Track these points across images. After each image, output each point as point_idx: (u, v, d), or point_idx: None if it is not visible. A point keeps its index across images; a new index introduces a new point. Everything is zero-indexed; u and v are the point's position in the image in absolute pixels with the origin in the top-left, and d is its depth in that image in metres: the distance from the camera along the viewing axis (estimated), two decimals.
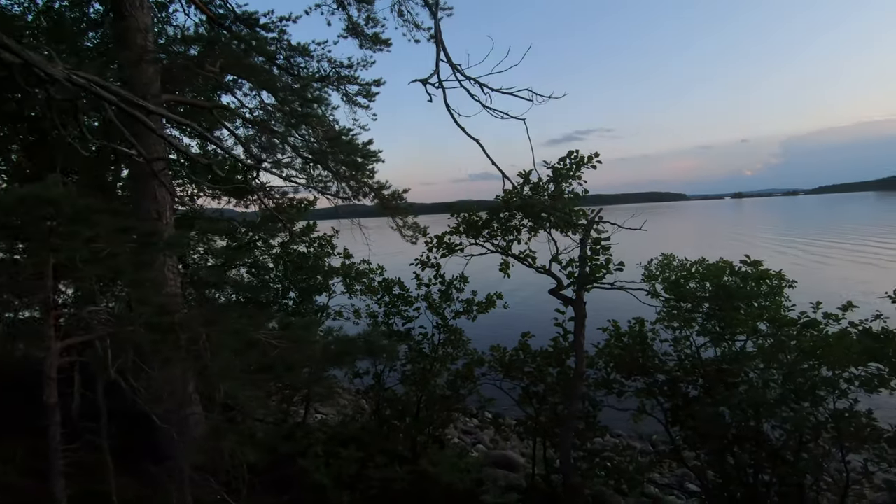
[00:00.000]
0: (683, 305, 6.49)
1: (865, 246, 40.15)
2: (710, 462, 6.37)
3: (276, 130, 7.58)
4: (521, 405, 7.14)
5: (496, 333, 8.48)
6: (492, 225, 6.66)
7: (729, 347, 6.54)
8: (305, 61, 8.45)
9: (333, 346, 2.87)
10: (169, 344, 2.94)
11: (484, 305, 7.60)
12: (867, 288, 6.35)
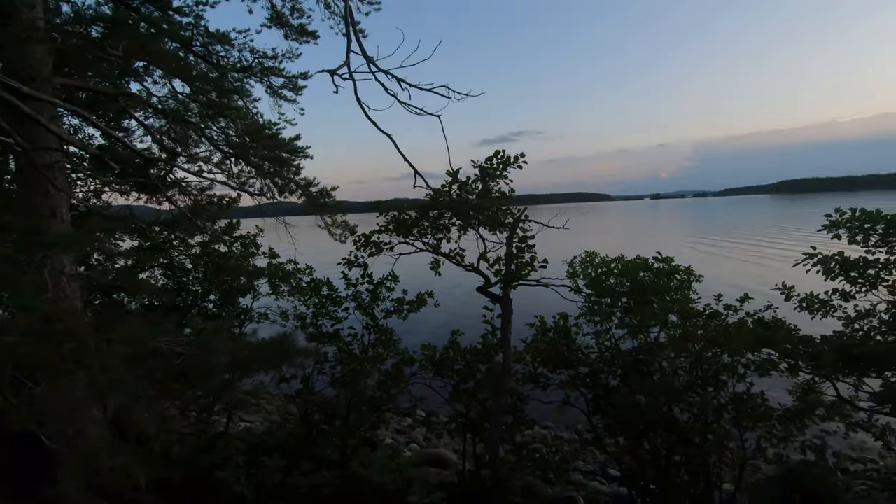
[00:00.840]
0: (603, 300, 6.83)
1: (760, 243, 44.59)
2: (628, 447, 6.75)
3: (191, 122, 7.10)
4: (452, 403, 7.19)
5: (428, 332, 8.50)
6: (421, 224, 6.65)
7: (644, 339, 6.96)
8: (225, 50, 7.99)
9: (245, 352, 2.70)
10: (52, 355, 2.64)
11: (415, 304, 7.57)
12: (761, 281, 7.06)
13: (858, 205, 6.36)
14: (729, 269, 28.76)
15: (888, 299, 5.88)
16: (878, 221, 5.88)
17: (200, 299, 8.91)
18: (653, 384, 5.99)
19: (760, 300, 6.76)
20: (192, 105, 7.09)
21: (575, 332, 7.27)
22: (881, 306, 5.92)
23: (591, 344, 7.00)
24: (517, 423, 6.83)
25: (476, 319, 7.52)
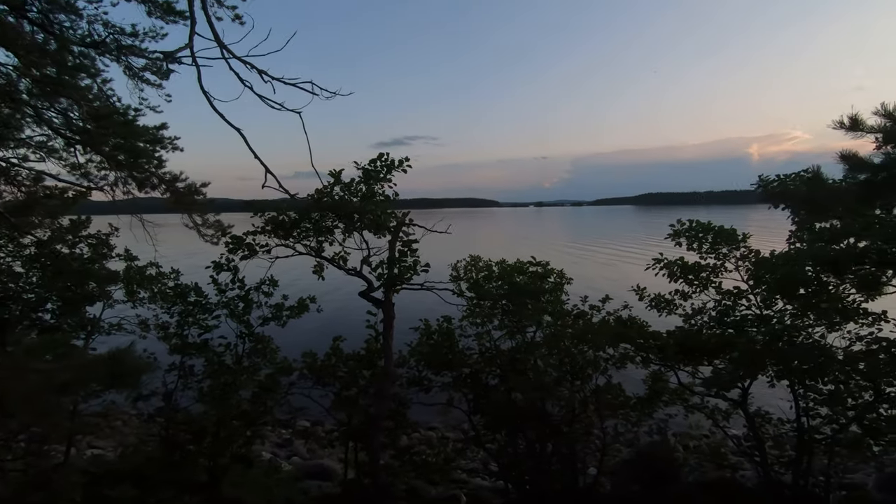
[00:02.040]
0: (484, 303, 7.10)
1: (621, 248, 50.17)
2: (506, 443, 7.09)
3: (22, 100, 6.02)
4: (334, 411, 6.97)
5: (310, 339, 8.13)
6: (302, 225, 6.34)
7: (522, 339, 7.38)
8: (71, 20, 6.91)
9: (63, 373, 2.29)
10: None
11: (296, 310, 7.20)
12: (622, 283, 7.95)
13: (701, 216, 7.39)
14: (596, 272, 31.82)
15: (716, 298, 6.91)
16: (708, 232, 6.88)
17: (34, 309, 7.61)
18: (527, 381, 6.36)
19: (620, 300, 7.54)
20: (24, 81, 6.01)
21: (459, 335, 7.46)
22: (710, 304, 6.93)
23: (474, 345, 7.24)
24: (399, 428, 6.82)
25: (361, 324, 7.38)
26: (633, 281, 7.53)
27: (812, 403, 6.66)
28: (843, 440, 6.68)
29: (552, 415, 6.90)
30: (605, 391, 7.00)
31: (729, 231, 6.86)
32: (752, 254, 6.91)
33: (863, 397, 6.28)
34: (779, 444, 7.27)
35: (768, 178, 5.92)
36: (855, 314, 6.07)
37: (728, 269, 6.87)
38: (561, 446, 6.86)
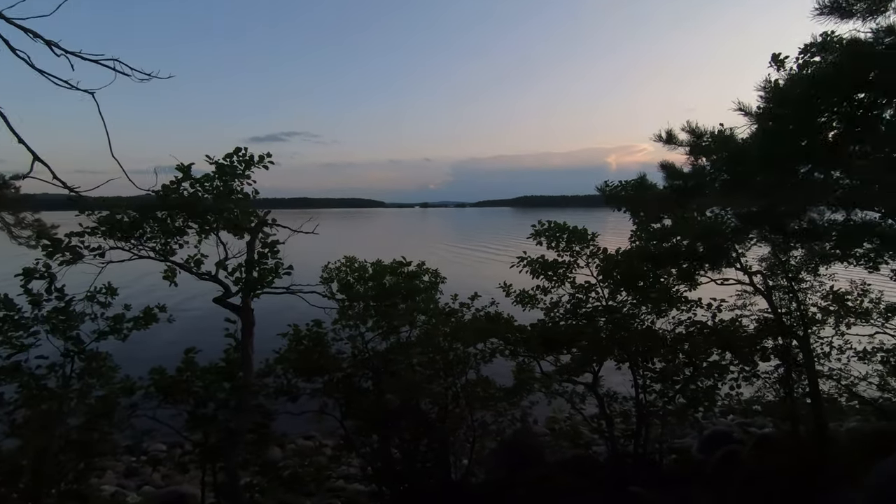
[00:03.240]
0: (356, 305, 6.96)
1: (496, 247, 52.86)
2: (380, 445, 7.03)
3: None
4: (188, 430, 6.29)
5: (162, 353, 7.27)
6: (143, 226, 5.62)
7: (396, 340, 7.37)
8: None
9: None
10: None
11: (141, 321, 6.35)
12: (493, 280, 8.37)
13: (568, 218, 8.02)
14: (470, 271, 33.02)
15: (570, 292, 7.59)
16: (563, 232, 7.53)
17: None
18: (400, 381, 6.37)
19: (489, 297, 7.91)
20: None
21: (333, 338, 7.22)
22: (565, 298, 7.60)
23: (346, 349, 7.06)
24: (264, 441, 6.39)
25: (221, 333, 6.77)
26: (502, 278, 7.95)
27: (648, 381, 7.64)
28: (672, 411, 7.77)
29: (426, 412, 7.00)
30: (476, 385, 7.29)
31: (581, 231, 7.58)
32: (601, 251, 7.72)
33: (685, 372, 7.37)
34: (625, 418, 8.19)
35: (605, 184, 6.66)
36: (678, 302, 7.09)
37: (580, 266, 7.58)
38: (435, 442, 6.99)
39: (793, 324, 7.57)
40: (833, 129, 4.09)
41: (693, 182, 4.25)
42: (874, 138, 4.69)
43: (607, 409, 7.74)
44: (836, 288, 8.62)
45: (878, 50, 3.43)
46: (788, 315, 7.60)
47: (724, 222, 5.39)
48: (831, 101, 3.67)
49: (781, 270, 7.57)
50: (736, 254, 7.66)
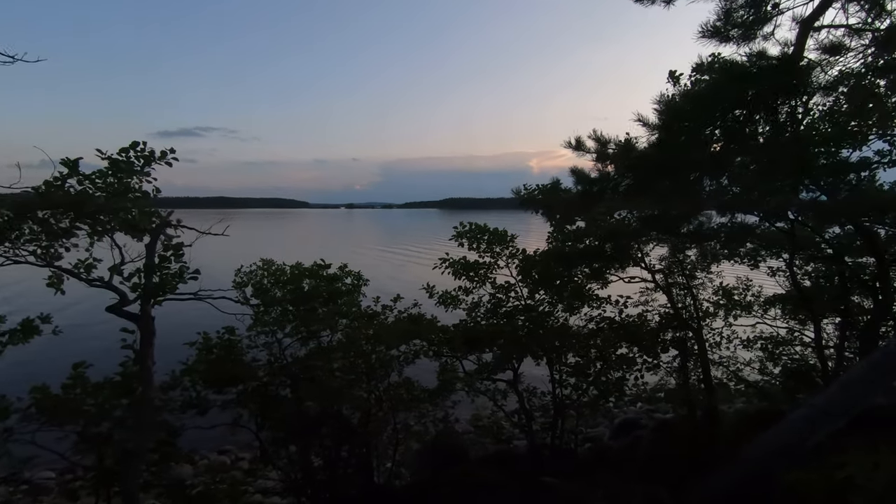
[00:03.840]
0: (272, 310, 6.66)
1: (422, 248, 52.63)
2: (300, 453, 6.78)
3: None
4: (78, 453, 5.67)
5: (46, 369, 6.51)
6: (22, 227, 4.99)
7: (317, 345, 7.14)
8: None
9: None
10: None
11: (20, 334, 5.63)
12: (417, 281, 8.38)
13: (493, 220, 8.18)
14: (394, 272, 32.78)
15: (491, 292, 7.80)
16: (484, 233, 7.71)
17: None
18: (319, 387, 6.18)
19: (413, 298, 7.91)
20: None
21: (248, 346, 6.85)
22: (486, 298, 7.79)
23: (262, 357, 6.73)
24: (167, 460, 5.92)
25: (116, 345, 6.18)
26: (426, 280, 7.99)
27: (564, 375, 8.03)
28: (586, 402, 8.23)
29: (348, 418, 6.85)
30: (399, 387, 7.26)
31: (501, 233, 7.80)
32: (520, 252, 8.00)
33: (596, 366, 7.84)
34: (544, 412, 8.55)
35: (525, 187, 6.90)
36: (589, 299, 7.53)
37: (500, 266, 7.81)
38: (357, 448, 6.86)
39: (689, 317, 8.31)
40: (717, 142, 4.54)
41: (599, 187, 4.55)
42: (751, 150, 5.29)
43: (527, 404, 8.03)
44: (724, 284, 9.61)
45: (751, 72, 3.86)
46: (685, 309, 8.34)
47: (628, 225, 5.84)
48: (714, 116, 4.08)
49: (679, 269, 8.29)
50: (640, 254, 8.30)
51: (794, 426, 4.75)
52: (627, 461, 7.47)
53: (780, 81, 3.77)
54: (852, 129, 7.38)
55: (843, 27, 3.77)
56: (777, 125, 4.97)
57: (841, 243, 8.51)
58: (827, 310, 8.75)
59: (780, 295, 9.44)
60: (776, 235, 8.58)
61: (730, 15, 3.61)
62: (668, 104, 4.02)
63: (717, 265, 9.16)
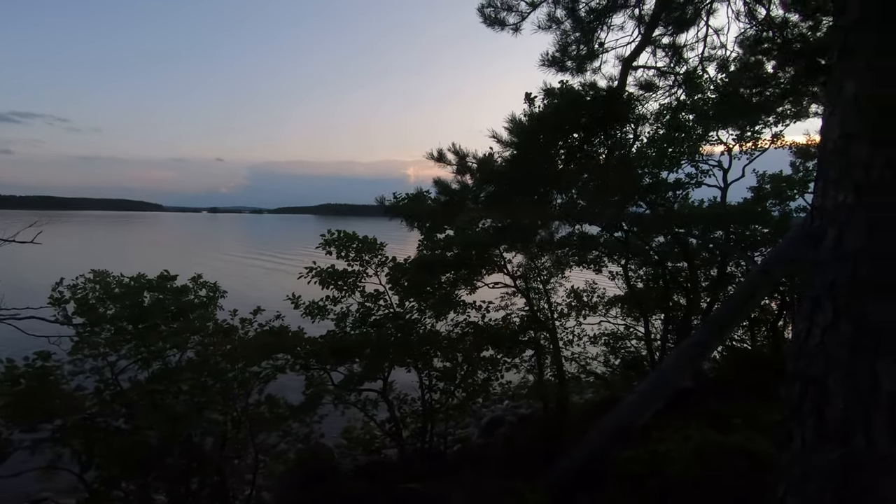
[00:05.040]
0: (102, 329, 5.79)
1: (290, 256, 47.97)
2: (139, 491, 5.96)
3: None
4: None
5: None
6: None
7: (163, 366, 6.37)
8: None
9: None
10: None
11: None
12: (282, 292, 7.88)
13: (371, 227, 8.03)
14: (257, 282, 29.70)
15: (360, 301, 7.71)
16: (353, 241, 7.61)
17: None
18: (163, 414, 5.51)
19: (276, 309, 7.47)
20: None
21: (71, 372, 5.84)
22: (354, 307, 7.68)
23: (88, 385, 5.79)
24: None
25: None
26: (293, 289, 7.59)
27: (434, 381, 8.23)
28: (455, 405, 8.52)
29: (198, 445, 6.21)
30: (261, 406, 6.79)
31: (371, 241, 7.76)
32: (390, 260, 8.04)
33: (463, 369, 8.17)
34: (415, 418, 8.64)
35: (384, 197, 6.92)
36: (456, 305, 7.83)
37: (370, 275, 7.76)
38: (210, 476, 6.25)
39: (544, 318, 9.09)
40: (561, 160, 5.06)
41: (458, 197, 4.78)
42: (590, 169, 5.99)
43: (397, 412, 8.06)
44: (575, 287, 10.72)
45: (585, 100, 4.39)
46: (541, 311, 9.10)
47: (486, 234, 6.23)
48: (556, 137, 4.55)
49: (535, 274, 9.04)
50: (503, 261, 8.89)
51: (624, 411, 5.44)
52: (491, 457, 7.88)
53: (607, 110, 4.35)
54: (670, 155, 8.80)
55: (654, 68, 4.51)
56: (612, 147, 5.72)
57: (663, 251, 10.05)
58: (654, 308, 10.22)
59: (619, 296, 10.79)
60: (614, 244, 9.84)
61: (566, 48, 4.07)
62: (517, 124, 4.39)
63: (569, 270, 10.19)
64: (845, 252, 2.11)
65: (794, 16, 3.76)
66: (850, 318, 2.10)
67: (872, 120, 2.04)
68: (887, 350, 2.05)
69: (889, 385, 2.06)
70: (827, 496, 2.19)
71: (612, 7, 3.75)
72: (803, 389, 2.23)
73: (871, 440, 2.09)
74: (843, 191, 2.13)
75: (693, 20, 3.92)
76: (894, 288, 2.02)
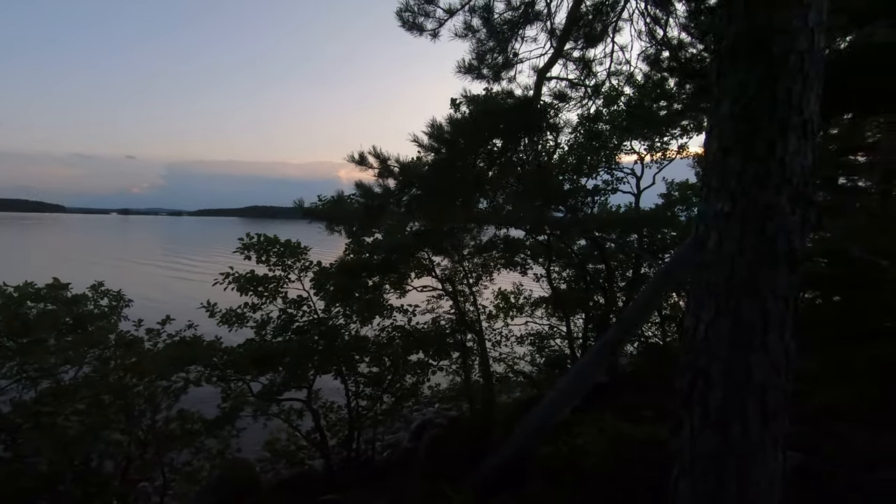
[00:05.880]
0: None
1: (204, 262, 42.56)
2: None
3: None
4: None
5: None
6: None
7: (56, 384, 5.74)
8: None
9: None
10: None
11: None
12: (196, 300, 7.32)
13: (300, 231, 7.62)
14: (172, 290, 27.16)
15: (281, 307, 7.40)
16: (274, 245, 7.29)
17: None
18: (51, 438, 4.96)
19: (189, 318, 6.99)
20: None
21: None
22: (274, 314, 7.37)
23: None
24: None
25: None
26: (209, 296, 7.14)
27: (361, 387, 8.07)
28: (384, 410, 8.42)
29: (96, 469, 5.65)
30: (172, 422, 6.32)
31: (293, 245, 7.48)
32: (315, 264, 7.78)
33: (391, 374, 8.09)
34: (341, 426, 8.42)
35: (302, 200, 6.64)
36: (381, 309, 7.74)
37: (292, 280, 7.48)
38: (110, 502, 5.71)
39: (472, 320, 9.23)
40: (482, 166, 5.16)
41: (380, 201, 4.73)
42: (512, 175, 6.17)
43: (323, 421, 7.82)
44: (503, 289, 10.99)
45: (503, 108, 4.51)
46: (468, 314, 9.24)
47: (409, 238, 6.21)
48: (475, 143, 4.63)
49: (462, 277, 9.16)
50: (431, 264, 8.92)
51: (545, 408, 5.64)
52: (419, 461, 7.85)
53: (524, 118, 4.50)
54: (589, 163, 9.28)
55: (567, 80, 4.74)
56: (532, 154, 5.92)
57: (585, 253, 10.57)
58: (576, 307, 10.71)
59: (543, 297, 11.19)
60: (538, 247, 10.21)
61: (483, 57, 4.17)
62: (437, 128, 4.42)
63: (497, 273, 10.44)
64: (724, 255, 2.32)
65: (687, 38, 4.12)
66: (728, 316, 2.31)
67: (743, 136, 2.26)
68: (759, 345, 2.27)
69: (760, 376, 2.28)
70: (710, 479, 2.38)
71: (525, 20, 3.90)
72: (692, 381, 2.41)
73: (746, 427, 2.30)
74: (720, 199, 2.33)
75: (601, 36, 4.17)
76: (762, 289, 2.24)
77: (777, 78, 2.17)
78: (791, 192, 2.21)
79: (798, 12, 2.18)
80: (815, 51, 2.24)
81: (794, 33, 2.19)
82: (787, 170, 2.20)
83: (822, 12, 2.27)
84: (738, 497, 2.32)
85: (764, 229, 2.21)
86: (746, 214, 2.24)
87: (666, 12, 3.83)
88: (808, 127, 2.25)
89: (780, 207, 2.20)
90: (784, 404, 2.29)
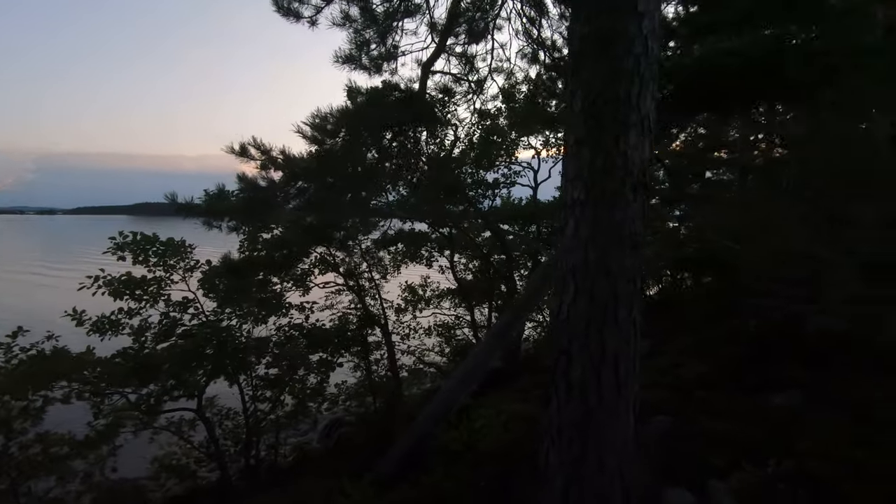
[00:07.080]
0: None
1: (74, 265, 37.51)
2: None
3: None
4: None
5: None
6: None
7: None
8: None
9: None
10: None
11: None
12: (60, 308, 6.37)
13: (191, 229, 6.90)
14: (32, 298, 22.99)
15: (164, 311, 6.81)
16: (153, 244, 6.66)
17: None
18: None
19: (49, 328, 6.16)
20: None
21: None
22: (155, 318, 6.76)
23: None
24: None
25: None
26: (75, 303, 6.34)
27: (259, 390, 7.69)
28: (287, 412, 8.10)
29: None
30: (30, 447, 5.57)
31: (176, 244, 6.89)
32: (202, 263, 7.24)
33: (292, 375, 7.79)
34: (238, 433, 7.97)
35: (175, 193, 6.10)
36: (278, 308, 7.43)
37: (175, 281, 6.91)
38: None
39: (377, 314, 9.18)
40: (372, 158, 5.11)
41: (264, 195, 4.50)
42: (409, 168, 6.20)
43: (218, 430, 7.35)
44: (410, 282, 11.04)
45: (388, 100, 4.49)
46: (373, 308, 9.17)
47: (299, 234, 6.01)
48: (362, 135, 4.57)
49: (366, 270, 9.07)
50: (335, 259, 8.72)
51: (444, 395, 5.77)
52: (325, 460, 7.69)
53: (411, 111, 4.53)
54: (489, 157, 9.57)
55: (451, 75, 4.84)
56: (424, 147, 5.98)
57: (488, 245, 10.93)
58: (481, 297, 11.06)
59: (450, 288, 11.42)
60: (443, 240, 10.39)
61: (362, 47, 4.12)
62: (321, 119, 4.29)
63: (404, 266, 10.46)
64: (580, 240, 2.51)
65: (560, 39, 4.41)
66: (585, 295, 2.51)
67: (592, 129, 2.46)
68: (611, 321, 2.50)
69: (613, 347, 2.51)
70: (575, 447, 2.59)
71: (405, 12, 3.92)
72: (556, 357, 2.61)
73: (601, 395, 2.53)
74: (576, 189, 2.53)
75: (483, 34, 4.31)
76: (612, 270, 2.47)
77: (618, 78, 2.39)
78: (632, 181, 2.45)
79: (633, 19, 2.41)
80: (650, 55, 2.49)
81: (630, 38, 2.42)
82: (629, 161, 2.43)
83: (654, 20, 2.52)
84: (598, 461, 2.55)
85: (612, 215, 2.43)
86: (597, 202, 2.45)
87: (539, 13, 4.05)
88: (646, 123, 2.50)
89: (624, 195, 2.43)
90: (635, 372, 2.56)
